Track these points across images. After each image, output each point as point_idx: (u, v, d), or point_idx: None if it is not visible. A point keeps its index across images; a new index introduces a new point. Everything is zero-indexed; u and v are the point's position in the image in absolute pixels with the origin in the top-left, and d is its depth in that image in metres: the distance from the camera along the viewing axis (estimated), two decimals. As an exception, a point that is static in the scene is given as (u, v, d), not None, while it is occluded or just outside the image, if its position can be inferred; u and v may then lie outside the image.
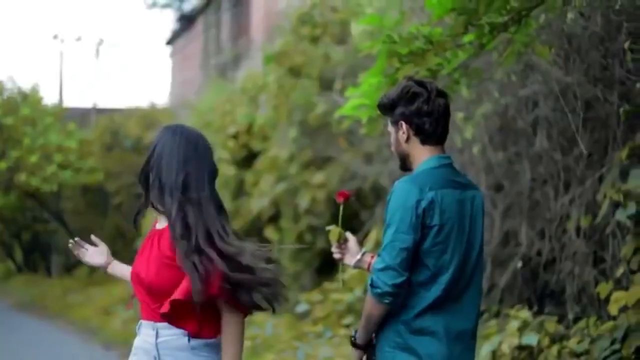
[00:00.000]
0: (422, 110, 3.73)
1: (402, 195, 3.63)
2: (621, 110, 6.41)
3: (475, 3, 4.72)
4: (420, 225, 3.61)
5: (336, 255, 4.05)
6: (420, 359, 3.66)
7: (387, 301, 3.58)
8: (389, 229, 3.62)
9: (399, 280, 3.55)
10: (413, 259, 3.61)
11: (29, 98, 23.04)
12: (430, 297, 3.65)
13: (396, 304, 3.62)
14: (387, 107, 3.82)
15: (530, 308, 7.89)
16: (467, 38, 5.09)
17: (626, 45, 6.16)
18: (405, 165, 3.84)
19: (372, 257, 3.97)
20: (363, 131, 5.53)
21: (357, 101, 5.15)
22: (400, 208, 3.61)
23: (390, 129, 3.83)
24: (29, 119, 22.06)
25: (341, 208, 4.06)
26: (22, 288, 24.89)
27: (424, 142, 3.76)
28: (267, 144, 14.26)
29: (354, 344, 3.80)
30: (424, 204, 3.61)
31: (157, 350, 3.65)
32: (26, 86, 23.65)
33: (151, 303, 3.68)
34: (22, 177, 21.41)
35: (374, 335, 3.77)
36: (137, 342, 3.76)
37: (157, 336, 3.65)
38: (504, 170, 8.58)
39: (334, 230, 4.02)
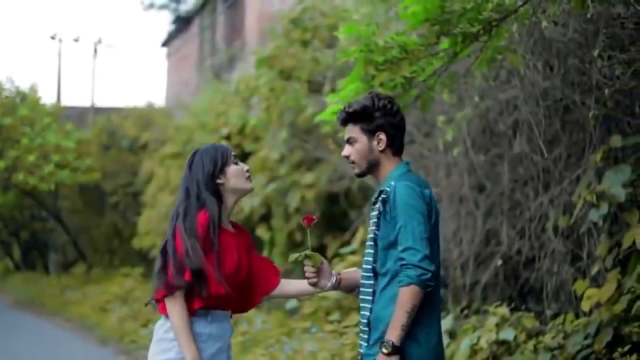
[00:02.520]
0: (400, 124, 4.05)
1: (409, 193, 3.84)
2: (590, 114, 6.59)
3: (448, 14, 4.96)
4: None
5: (312, 281, 4.15)
6: (422, 347, 3.86)
7: (430, 288, 3.74)
8: (410, 223, 3.77)
9: (433, 267, 3.76)
10: None
11: (28, 98, 23.03)
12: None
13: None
14: (359, 116, 4.01)
15: (512, 305, 8.10)
16: (443, 45, 5.31)
17: (595, 53, 6.39)
18: (368, 172, 4.07)
19: (340, 275, 4.24)
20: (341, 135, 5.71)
21: (337, 107, 5.33)
22: (414, 203, 3.82)
23: (358, 136, 4.01)
24: (27, 119, 22.07)
25: (308, 232, 4.25)
26: (20, 286, 24.99)
27: (395, 153, 4.04)
28: (259, 144, 14.44)
29: (396, 350, 3.74)
30: (427, 200, 3.88)
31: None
32: (25, 86, 23.65)
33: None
34: (20, 176, 21.45)
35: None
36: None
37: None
38: (485, 171, 8.71)
39: (315, 256, 4.12)
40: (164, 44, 33.77)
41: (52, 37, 32.65)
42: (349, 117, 4.06)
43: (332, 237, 12.00)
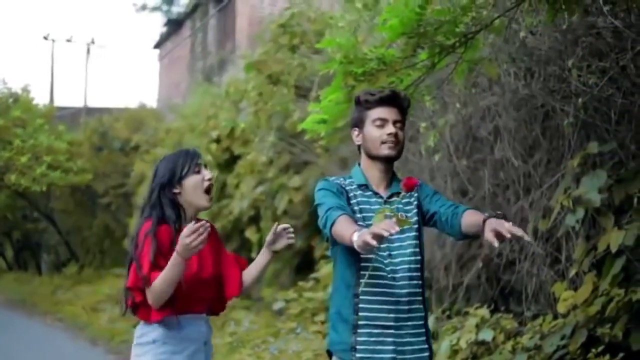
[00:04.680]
0: None
1: None
2: (565, 122, 6.74)
3: (424, 28, 5.12)
4: None
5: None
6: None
7: None
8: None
9: None
10: None
11: (20, 99, 23.12)
12: None
13: None
14: (408, 105, 4.14)
15: (494, 306, 8.25)
16: (422, 56, 5.47)
17: (570, 63, 6.56)
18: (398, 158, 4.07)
19: None
20: (322, 142, 5.84)
21: (318, 116, 5.45)
22: None
23: (399, 124, 4.00)
24: (20, 120, 22.15)
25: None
26: (12, 286, 25.06)
27: None
28: (248, 148, 14.54)
29: None
30: None
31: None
32: (18, 87, 23.77)
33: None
34: (12, 177, 21.48)
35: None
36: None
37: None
38: (468, 176, 8.80)
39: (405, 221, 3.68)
40: (156, 45, 33.78)
41: (45, 38, 32.81)
42: (408, 103, 4.14)
43: (319, 239, 12.13)
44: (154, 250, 3.95)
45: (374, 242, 3.30)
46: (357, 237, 3.44)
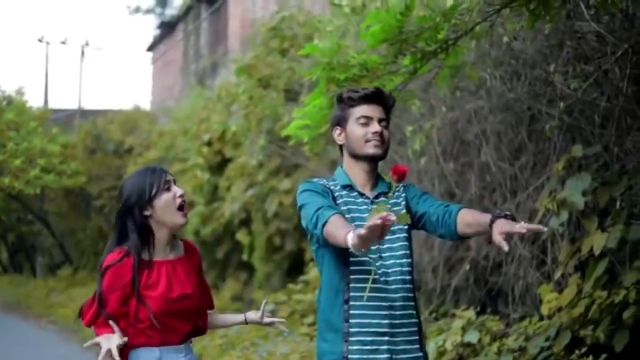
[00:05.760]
0: None
1: None
2: (547, 126, 6.79)
3: (405, 35, 5.17)
4: None
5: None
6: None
7: None
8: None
9: None
10: None
11: (14, 102, 23.11)
12: None
13: None
14: (393, 104, 3.97)
15: (481, 308, 8.29)
16: (405, 61, 5.52)
17: (552, 67, 6.61)
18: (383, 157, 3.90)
19: None
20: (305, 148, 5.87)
21: (301, 122, 5.48)
22: None
23: (384, 123, 3.88)
24: (13, 124, 22.15)
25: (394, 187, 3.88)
26: (7, 288, 25.04)
27: None
28: (238, 151, 14.60)
29: None
30: None
31: None
32: (12, 89, 23.77)
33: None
34: (6, 180, 21.46)
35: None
36: None
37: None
38: (455, 178, 8.83)
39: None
40: (150, 48, 33.81)
41: (40, 40, 32.82)
42: (393, 101, 4.00)
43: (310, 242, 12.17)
44: (100, 294, 3.72)
45: (373, 235, 3.05)
46: (352, 236, 3.19)
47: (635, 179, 6.25)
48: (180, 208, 3.88)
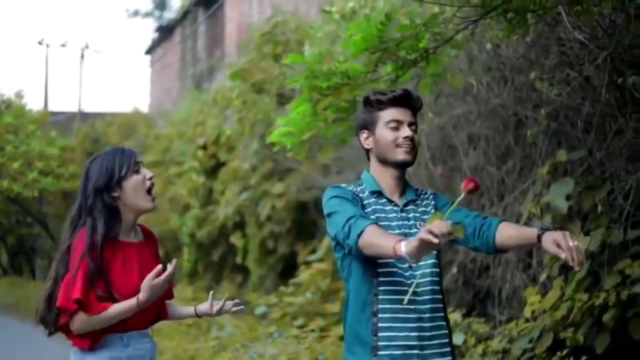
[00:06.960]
0: None
1: None
2: (529, 132, 6.88)
3: (386, 44, 5.26)
4: None
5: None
6: None
7: None
8: None
9: None
10: None
11: (13, 105, 23.17)
12: None
13: None
14: (420, 107, 3.84)
15: (472, 310, 8.35)
16: (388, 69, 5.61)
17: (533, 75, 6.69)
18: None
19: None
20: (290, 154, 5.94)
21: (285, 129, 5.55)
22: None
23: (414, 127, 3.74)
24: (12, 127, 22.24)
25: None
26: (7, 290, 25.02)
27: None
28: (232, 154, 14.67)
29: None
30: None
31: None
32: (11, 92, 23.79)
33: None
34: (4, 183, 21.53)
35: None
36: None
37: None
38: (444, 182, 8.89)
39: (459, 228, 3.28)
40: (148, 51, 33.84)
41: (40, 43, 32.88)
42: (421, 104, 3.85)
43: (303, 245, 12.28)
44: (92, 273, 3.59)
45: (435, 240, 2.86)
46: (405, 244, 3.04)
47: (617, 184, 6.31)
48: (149, 191, 3.79)
